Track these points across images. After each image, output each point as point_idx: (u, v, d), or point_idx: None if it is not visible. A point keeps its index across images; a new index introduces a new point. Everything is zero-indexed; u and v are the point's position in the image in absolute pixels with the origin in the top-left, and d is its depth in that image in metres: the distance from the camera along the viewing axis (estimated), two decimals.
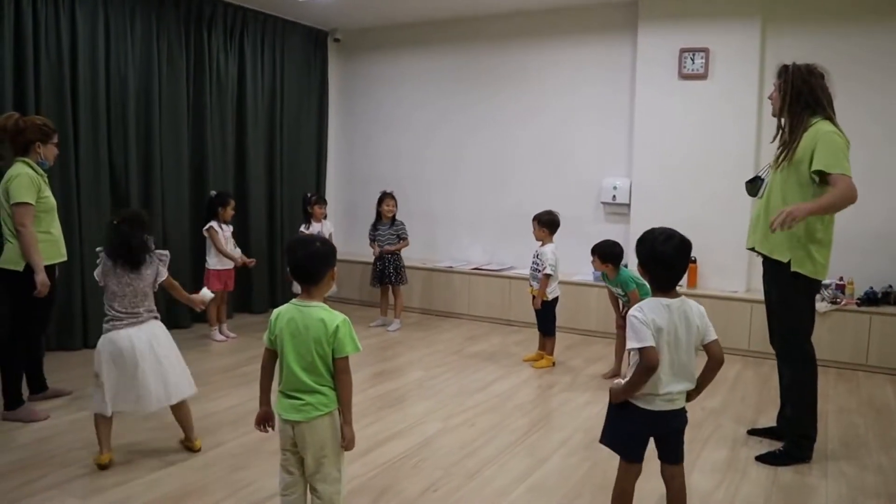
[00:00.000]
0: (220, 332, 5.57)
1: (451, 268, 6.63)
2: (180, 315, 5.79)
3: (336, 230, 6.99)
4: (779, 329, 3.35)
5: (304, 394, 2.27)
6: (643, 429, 2.39)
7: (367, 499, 2.89)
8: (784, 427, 3.50)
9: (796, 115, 3.20)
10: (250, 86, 6.36)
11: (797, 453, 3.33)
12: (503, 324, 6.29)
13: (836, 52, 5.08)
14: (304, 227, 6.01)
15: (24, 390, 3.83)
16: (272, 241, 6.72)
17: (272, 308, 6.47)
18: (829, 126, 3.14)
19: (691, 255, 2.42)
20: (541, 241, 5.00)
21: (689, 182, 5.69)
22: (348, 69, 7.48)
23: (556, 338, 5.06)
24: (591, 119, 6.24)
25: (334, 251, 2.40)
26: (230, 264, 5.53)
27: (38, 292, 3.56)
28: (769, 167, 3.38)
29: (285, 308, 2.34)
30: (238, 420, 3.78)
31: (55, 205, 3.75)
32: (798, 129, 3.18)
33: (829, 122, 3.17)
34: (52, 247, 3.69)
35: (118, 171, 5.32)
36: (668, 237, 2.34)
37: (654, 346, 2.25)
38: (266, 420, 2.43)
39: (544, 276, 4.88)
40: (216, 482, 3.03)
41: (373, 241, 6.12)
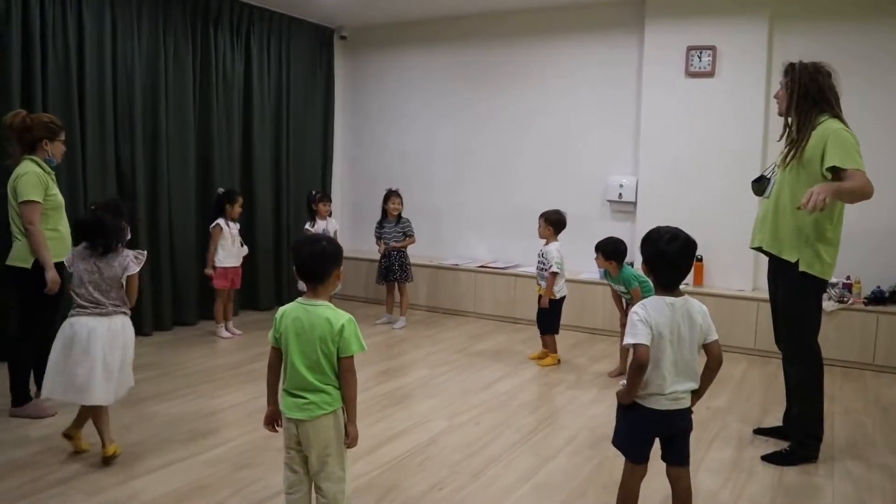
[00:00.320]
0: (227, 329, 5.59)
1: (456, 265, 6.63)
2: (187, 312, 5.82)
3: (342, 228, 7.01)
4: (785, 329, 3.34)
5: (309, 392, 2.28)
6: (650, 429, 2.39)
7: (373, 497, 2.90)
8: (790, 427, 3.49)
9: (804, 114, 3.18)
10: (256, 83, 6.37)
11: (804, 453, 3.32)
12: (509, 322, 6.29)
13: (845, 50, 5.06)
14: (309, 224, 6.02)
15: (32, 387, 3.84)
16: (278, 238, 6.73)
17: (278, 305, 6.48)
18: (838, 124, 3.12)
19: (696, 254, 2.42)
20: (545, 240, 4.99)
21: (695, 180, 5.67)
22: (354, 66, 7.48)
23: (556, 336, 5.04)
24: (598, 117, 6.22)
25: (340, 250, 2.39)
26: (237, 262, 5.55)
27: (49, 290, 3.57)
28: (775, 166, 3.36)
29: (291, 307, 2.34)
30: (244, 417, 3.80)
31: (63, 202, 3.76)
32: (806, 127, 3.15)
33: (837, 120, 3.14)
34: (59, 244, 3.70)
35: (125, 169, 5.34)
36: (673, 236, 2.34)
37: (646, 344, 2.26)
38: (275, 419, 2.44)
39: (551, 274, 4.87)
40: (221, 479, 3.04)
41: (379, 239, 6.12)
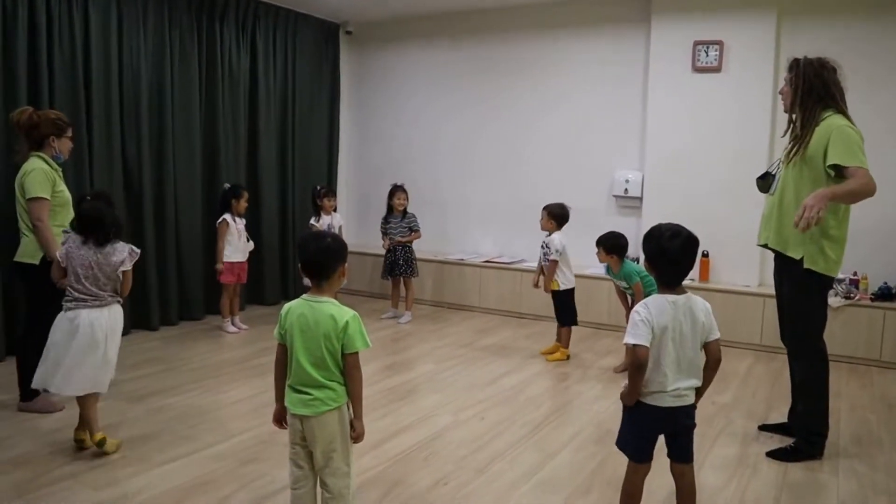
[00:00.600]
0: (233, 323, 5.61)
1: (462, 260, 6.64)
2: (193, 306, 5.85)
3: (347, 222, 7.03)
4: (791, 326, 3.33)
5: (313, 388, 2.28)
6: (654, 427, 2.39)
7: (378, 492, 2.91)
8: (795, 423, 3.49)
9: (808, 110, 3.16)
10: (262, 78, 6.38)
11: (809, 450, 3.31)
12: (514, 317, 6.30)
13: (853, 46, 5.04)
14: (314, 219, 6.03)
15: None
16: (284, 233, 6.75)
17: (284, 299, 6.56)
18: (842, 120, 3.11)
19: (703, 249, 2.41)
20: (547, 232, 5.01)
21: (701, 176, 5.65)
22: (360, 62, 7.47)
23: (572, 329, 5.05)
24: (604, 112, 6.21)
25: (345, 247, 2.40)
26: (243, 257, 5.56)
27: (60, 285, 3.57)
28: (780, 163, 3.35)
29: (296, 303, 2.35)
30: (250, 412, 3.81)
31: (70, 199, 3.77)
32: (810, 123, 3.14)
33: (842, 116, 3.13)
34: None
35: (131, 165, 5.36)
36: (675, 233, 2.33)
37: (644, 345, 2.26)
38: (283, 417, 2.43)
39: (551, 261, 4.90)
40: (228, 474, 3.06)
41: (384, 234, 6.13)
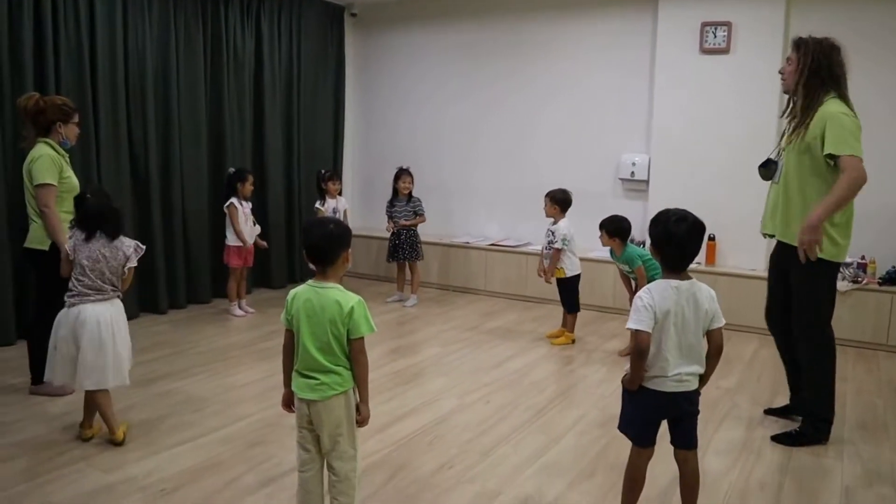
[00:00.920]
0: (240, 307, 5.64)
1: (467, 243, 6.64)
2: (200, 290, 5.88)
3: (353, 206, 7.03)
4: (799, 314, 3.31)
5: (320, 373, 2.30)
6: (655, 412, 2.40)
7: (383, 475, 2.94)
8: (798, 406, 3.51)
9: (812, 91, 3.14)
10: (267, 62, 6.35)
11: (814, 435, 3.32)
12: (520, 300, 6.31)
13: (863, 28, 4.99)
14: (319, 203, 6.03)
15: None
16: (290, 217, 6.76)
17: (290, 283, 6.59)
18: (838, 106, 3.09)
19: (709, 233, 2.41)
20: (552, 219, 5.00)
21: (708, 159, 5.61)
22: (365, 44, 7.43)
23: (577, 315, 5.06)
24: (610, 94, 6.17)
25: (348, 232, 2.39)
26: (250, 240, 5.58)
27: (64, 272, 3.59)
28: (781, 150, 3.34)
29: (301, 289, 2.36)
30: (257, 395, 3.85)
31: (78, 185, 3.77)
32: (812, 106, 3.12)
33: (840, 101, 3.11)
34: None
35: (138, 150, 5.36)
36: (681, 218, 2.33)
37: (647, 331, 2.27)
38: (291, 401, 2.46)
39: (555, 250, 4.91)
40: (235, 456, 3.09)
41: (389, 218, 6.14)
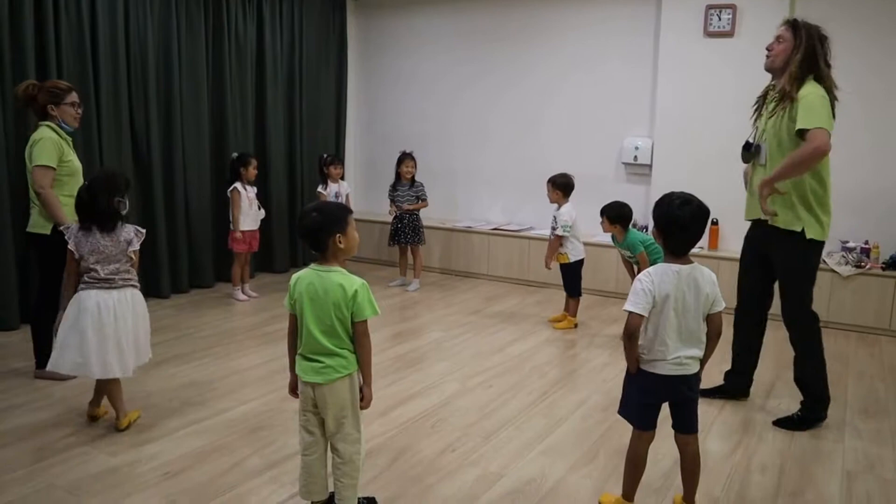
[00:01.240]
0: (243, 291, 5.65)
1: (470, 228, 6.64)
2: (204, 274, 5.89)
3: (355, 190, 7.02)
4: (788, 297, 3.34)
5: (324, 357, 2.32)
6: (655, 395, 2.41)
7: (386, 458, 2.96)
8: (732, 386, 3.66)
9: (802, 74, 3.15)
10: (269, 46, 6.32)
11: (814, 416, 3.35)
12: (522, 284, 6.31)
13: (869, 12, 4.94)
14: (321, 187, 6.02)
15: None
16: (293, 201, 6.75)
17: (293, 267, 6.60)
18: (812, 87, 3.11)
19: (712, 217, 2.40)
20: (556, 204, 4.99)
21: (712, 143, 5.59)
22: (368, 28, 7.38)
23: (579, 299, 5.07)
24: (613, 77, 6.13)
25: (337, 217, 2.34)
26: (254, 225, 5.58)
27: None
28: (762, 131, 3.33)
29: (305, 273, 2.37)
30: (261, 379, 3.87)
31: (80, 168, 3.78)
32: (795, 89, 3.13)
33: (815, 83, 3.13)
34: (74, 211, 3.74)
35: (140, 135, 5.35)
36: (685, 202, 2.32)
37: (641, 314, 2.29)
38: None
39: (555, 237, 4.90)
40: (240, 440, 3.11)
41: (392, 202, 6.13)
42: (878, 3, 5.03)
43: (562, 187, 4.96)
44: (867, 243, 5.10)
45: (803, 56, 3.14)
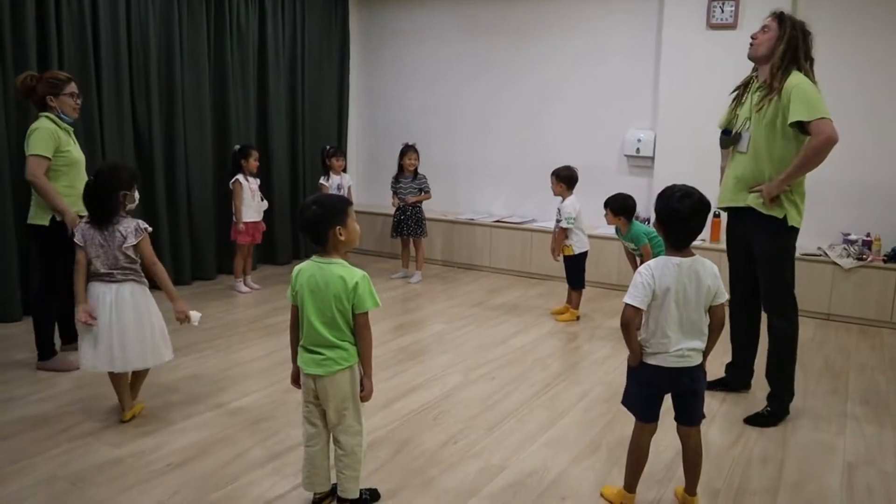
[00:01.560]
0: (245, 283, 5.66)
1: (472, 220, 6.63)
2: (205, 266, 5.89)
3: (358, 182, 7.02)
4: (772, 285, 3.33)
5: (326, 348, 2.32)
6: (657, 387, 2.42)
7: (389, 450, 2.97)
8: (733, 379, 3.66)
9: (787, 64, 3.15)
10: (271, 37, 6.31)
11: (782, 411, 3.36)
12: (525, 276, 6.31)
13: (869, 4, 4.91)
14: (323, 179, 6.02)
15: (57, 341, 3.94)
16: (294, 193, 6.75)
17: (295, 259, 6.60)
18: (798, 78, 3.11)
19: (710, 213, 2.40)
20: (560, 196, 4.98)
21: (714, 135, 5.52)
22: (370, 20, 7.36)
23: (582, 292, 5.06)
24: (617, 71, 6.11)
25: (336, 209, 2.33)
26: (258, 216, 5.58)
27: (72, 225, 3.51)
28: (746, 119, 3.33)
29: (306, 265, 2.37)
30: (263, 371, 3.87)
31: (80, 159, 3.77)
32: (779, 80, 3.13)
33: (801, 74, 3.13)
34: (76, 201, 3.72)
35: (142, 126, 5.35)
36: (686, 194, 2.32)
37: (638, 307, 2.31)
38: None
39: (560, 229, 4.89)
40: (243, 431, 3.12)
41: (394, 194, 6.12)
42: None
43: (565, 180, 4.95)
44: (869, 236, 5.09)
45: (786, 47, 3.15)
